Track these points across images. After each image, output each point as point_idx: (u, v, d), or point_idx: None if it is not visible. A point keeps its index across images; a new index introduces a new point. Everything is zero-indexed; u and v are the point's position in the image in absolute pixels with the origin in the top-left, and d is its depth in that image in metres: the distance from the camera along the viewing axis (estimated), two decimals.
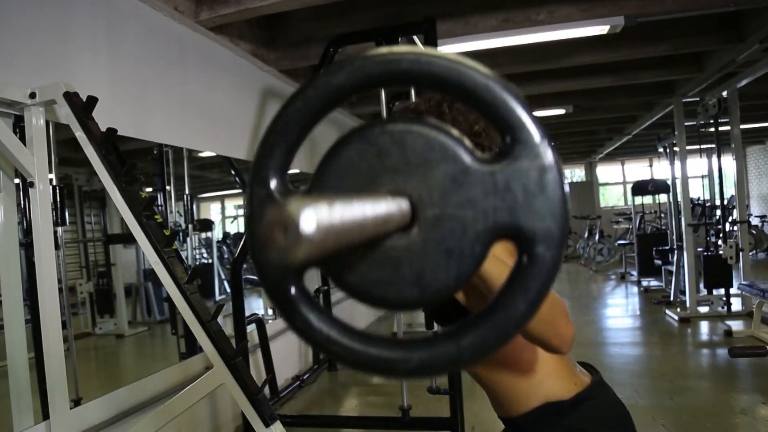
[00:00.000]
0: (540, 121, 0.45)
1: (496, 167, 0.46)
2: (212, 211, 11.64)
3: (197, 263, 7.28)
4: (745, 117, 6.57)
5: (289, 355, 4.64)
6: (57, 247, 2.87)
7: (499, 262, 0.74)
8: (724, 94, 5.80)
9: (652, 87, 6.38)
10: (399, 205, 0.45)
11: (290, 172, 0.49)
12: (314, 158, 5.39)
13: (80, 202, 7.06)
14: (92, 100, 2.16)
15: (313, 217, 0.31)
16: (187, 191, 5.27)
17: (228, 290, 7.16)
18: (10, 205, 2.40)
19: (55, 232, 2.62)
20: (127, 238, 7.02)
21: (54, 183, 2.58)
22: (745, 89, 5.89)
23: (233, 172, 4.95)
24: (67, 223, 5.34)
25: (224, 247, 9.63)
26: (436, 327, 3.83)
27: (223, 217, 11.84)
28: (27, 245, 2.46)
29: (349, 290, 0.50)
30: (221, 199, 11.66)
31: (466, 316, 1.11)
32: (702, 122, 6.18)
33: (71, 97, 2.13)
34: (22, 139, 2.19)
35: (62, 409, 2.22)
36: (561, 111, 6.79)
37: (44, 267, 2.20)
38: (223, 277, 7.94)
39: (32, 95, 2.17)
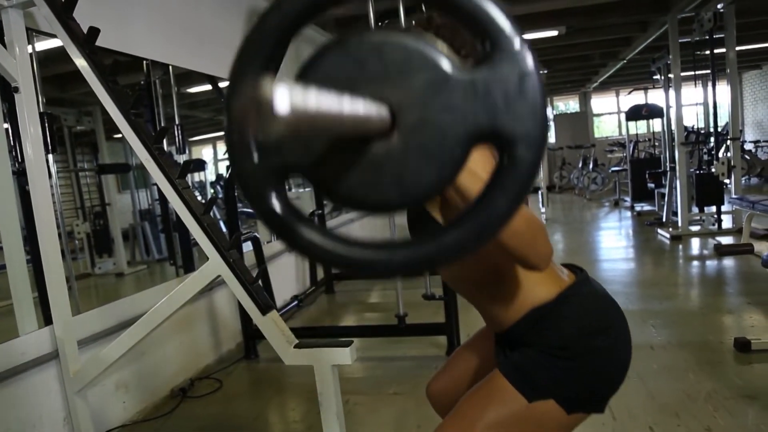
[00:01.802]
0: (519, 28, 0.46)
1: (477, 74, 0.46)
2: (205, 155, 11.55)
3: None
4: (741, 37, 6.46)
5: (286, 277, 4.72)
6: (49, 175, 2.87)
7: (474, 176, 0.74)
8: (720, 7, 5.68)
9: (647, 3, 6.25)
10: (379, 110, 0.46)
11: None
12: None
13: (71, 143, 6.99)
14: (72, 0, 2.10)
15: (287, 95, 0.31)
16: (177, 121, 5.21)
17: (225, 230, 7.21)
18: None
19: (47, 161, 2.60)
20: (120, 168, 6.99)
21: (41, 110, 2.54)
22: (743, 3, 5.77)
23: (223, 99, 4.89)
24: (57, 151, 5.27)
25: (218, 187, 9.63)
26: None
27: (216, 160, 11.77)
28: (20, 173, 2.46)
29: (333, 196, 0.51)
30: (213, 142, 11.56)
31: None
32: (697, 39, 6.07)
33: None
34: (3, 44, 2.15)
35: (64, 314, 2.27)
36: (554, 32, 6.66)
37: (36, 172, 2.20)
38: (218, 217, 7.96)
39: None
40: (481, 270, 1.13)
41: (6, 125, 2.44)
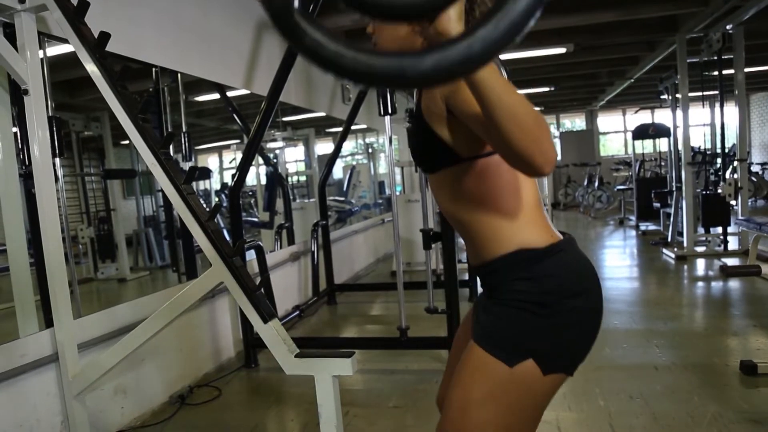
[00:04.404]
0: None
1: None
2: (210, 164, 11.60)
3: None
4: (750, 59, 6.46)
5: (288, 287, 4.71)
6: (56, 179, 2.88)
7: (495, 73, 0.74)
8: (729, 28, 5.69)
9: (656, 23, 6.26)
10: None
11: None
12: (310, 95, 5.30)
13: (78, 148, 7.02)
14: (84, 5, 2.11)
15: None
16: (184, 129, 5.23)
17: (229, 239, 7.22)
18: (5, 115, 2.39)
19: (54, 164, 2.61)
20: (126, 173, 7.00)
21: (50, 114, 2.55)
22: (751, 26, 5.78)
23: (230, 109, 4.92)
24: (64, 155, 5.29)
25: (223, 196, 9.66)
26: (433, 247, 3.86)
27: (221, 169, 11.81)
28: (26, 176, 2.47)
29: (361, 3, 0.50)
30: (219, 150, 11.60)
31: (452, 157, 1.12)
32: (705, 59, 6.08)
33: (62, 1, 2.09)
34: (14, 47, 2.16)
35: (66, 318, 2.26)
36: (561, 50, 6.67)
37: (42, 175, 2.20)
38: (222, 226, 7.97)
39: (22, 0, 2.13)
40: (479, 197, 1.12)
41: (15, 129, 2.45)
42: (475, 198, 1.13)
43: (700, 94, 6.32)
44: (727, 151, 6.54)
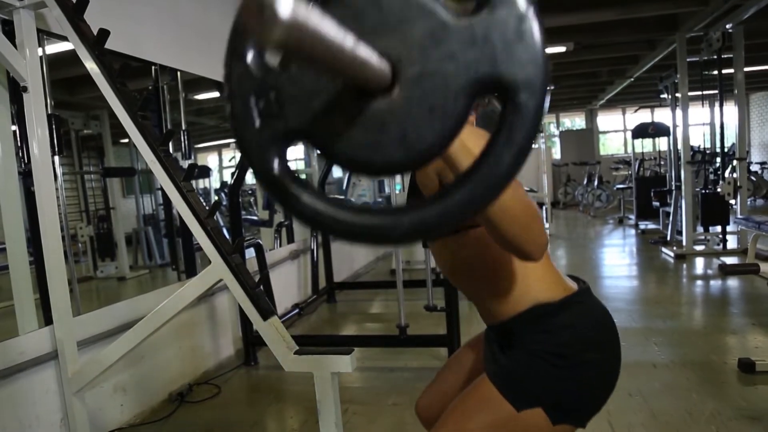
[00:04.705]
0: None
1: (475, 19, 0.45)
2: (210, 162, 11.60)
3: None
4: (749, 58, 6.46)
5: (288, 285, 4.71)
6: (55, 177, 2.88)
7: (465, 148, 0.72)
8: (729, 27, 5.69)
9: (656, 22, 6.27)
10: (379, 64, 0.45)
11: None
12: None
13: (78, 147, 7.02)
14: (83, 2, 2.11)
15: (290, 3, 0.30)
16: (183, 127, 5.23)
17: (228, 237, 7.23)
18: (4, 113, 2.39)
19: (53, 162, 2.61)
20: (125, 171, 6.99)
21: (49, 112, 2.55)
22: (751, 25, 5.78)
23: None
24: (64, 153, 5.28)
25: (222, 194, 9.66)
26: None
27: (221, 168, 11.81)
28: (26, 174, 2.47)
29: (337, 158, 0.50)
30: (219, 149, 11.60)
31: None
32: (705, 58, 6.08)
33: None
34: (13, 44, 2.16)
35: (65, 315, 2.27)
36: (561, 49, 6.68)
37: (42, 173, 2.20)
38: (222, 224, 7.97)
39: None
40: (482, 262, 1.12)
41: (14, 127, 2.45)
42: (480, 264, 1.12)
43: (699, 93, 6.32)
44: (726, 150, 6.55)
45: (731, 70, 6.00)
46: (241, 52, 0.48)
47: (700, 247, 6.37)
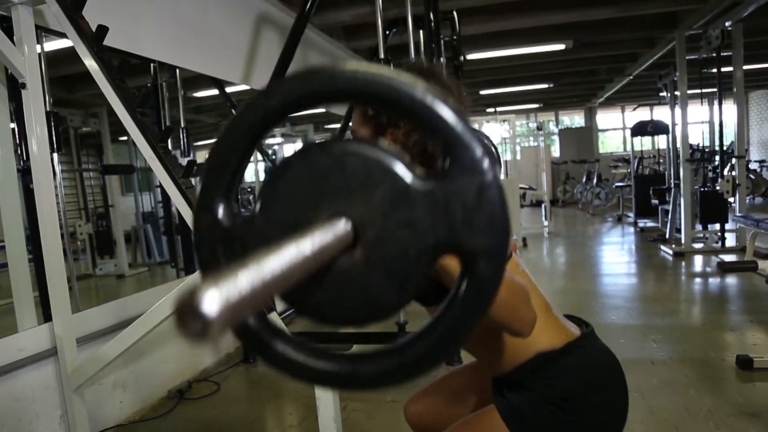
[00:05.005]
0: (480, 137, 0.45)
1: (436, 186, 0.45)
2: None
3: None
4: (749, 56, 6.47)
5: None
6: (54, 174, 2.88)
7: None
8: (728, 24, 5.69)
9: (655, 20, 6.26)
10: (341, 226, 0.46)
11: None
12: None
13: (76, 144, 7.02)
14: None
15: (216, 300, 0.30)
16: (182, 124, 5.23)
17: None
18: (3, 110, 2.39)
19: (52, 159, 2.61)
20: (124, 169, 6.99)
21: (48, 109, 2.55)
22: (750, 23, 5.78)
23: (229, 104, 4.91)
24: (62, 150, 5.28)
25: None
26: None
27: None
28: (24, 171, 2.47)
29: (302, 312, 0.51)
30: None
31: (446, 293, 1.11)
32: (704, 56, 6.08)
33: None
34: (12, 41, 2.16)
35: (64, 312, 2.27)
36: (560, 46, 6.68)
37: (40, 171, 2.20)
38: None
39: None
40: (476, 332, 1.11)
41: (12, 125, 2.45)
42: (480, 326, 1.12)
43: (698, 91, 6.32)
44: (725, 148, 6.55)
45: (730, 68, 6.00)
46: (208, 204, 0.49)
47: (698, 245, 6.38)
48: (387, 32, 4.21)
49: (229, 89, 4.56)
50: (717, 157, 6.55)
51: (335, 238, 0.44)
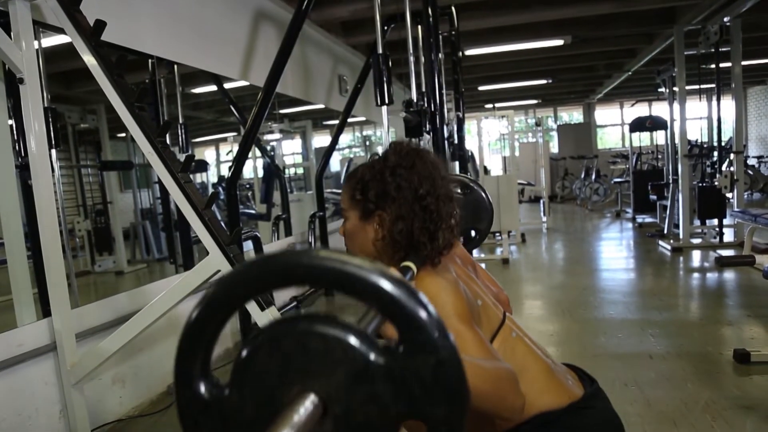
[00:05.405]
0: (436, 316, 0.47)
1: (394, 362, 0.47)
2: (207, 157, 11.56)
3: None
4: (747, 52, 6.46)
5: None
6: (52, 170, 2.88)
7: None
8: (727, 20, 5.69)
9: (653, 15, 6.26)
10: (309, 402, 0.48)
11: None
12: (307, 86, 5.29)
13: (74, 141, 7.00)
14: None
15: None
16: (180, 121, 5.22)
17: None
18: (1, 106, 2.39)
19: (50, 156, 2.61)
20: (123, 165, 6.98)
21: (46, 105, 2.55)
22: (749, 18, 5.78)
23: (227, 100, 4.91)
24: (60, 146, 5.26)
25: (220, 189, 9.62)
26: None
27: (218, 162, 11.79)
28: (23, 168, 2.47)
29: None
30: (216, 143, 11.57)
31: None
32: (703, 52, 6.08)
33: None
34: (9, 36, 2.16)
35: (63, 307, 2.27)
36: (559, 42, 6.67)
37: (39, 167, 2.20)
38: (219, 218, 7.95)
39: None
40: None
41: (10, 121, 2.44)
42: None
43: (697, 87, 6.32)
44: (723, 144, 6.56)
45: (729, 64, 6.00)
46: (188, 382, 0.52)
47: (696, 240, 6.39)
48: (385, 28, 4.21)
49: (227, 85, 4.55)
50: (715, 153, 6.55)
51: (306, 414, 0.47)
